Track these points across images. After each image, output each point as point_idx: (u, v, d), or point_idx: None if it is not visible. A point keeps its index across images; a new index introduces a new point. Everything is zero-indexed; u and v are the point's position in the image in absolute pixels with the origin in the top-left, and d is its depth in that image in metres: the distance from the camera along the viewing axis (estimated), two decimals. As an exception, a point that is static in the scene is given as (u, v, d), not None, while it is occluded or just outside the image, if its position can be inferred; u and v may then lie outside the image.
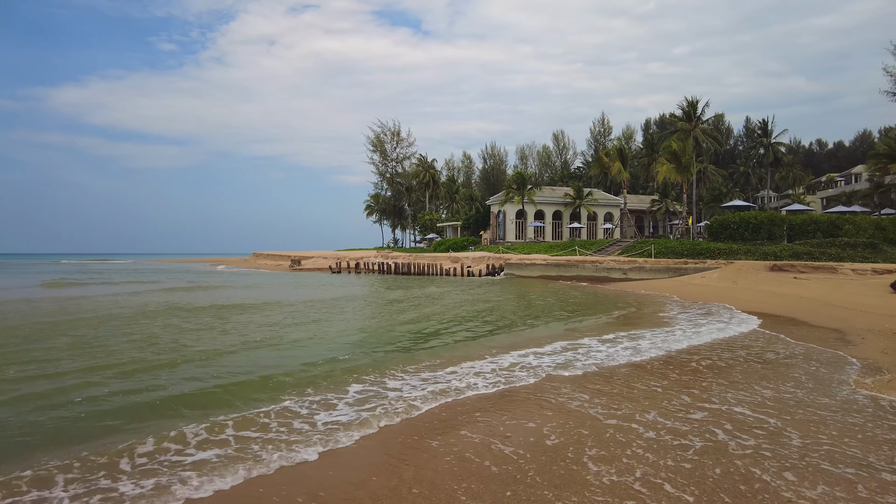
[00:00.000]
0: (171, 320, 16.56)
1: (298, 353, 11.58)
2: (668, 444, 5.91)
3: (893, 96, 53.51)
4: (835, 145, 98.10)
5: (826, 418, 6.73)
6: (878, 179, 59.49)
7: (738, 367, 9.92)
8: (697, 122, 53.66)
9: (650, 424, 6.57)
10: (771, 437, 6.07)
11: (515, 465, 5.41)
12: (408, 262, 53.29)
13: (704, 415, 6.98)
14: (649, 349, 11.77)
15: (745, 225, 41.25)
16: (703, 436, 6.16)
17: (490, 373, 9.47)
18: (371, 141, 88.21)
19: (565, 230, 64.95)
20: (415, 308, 21.02)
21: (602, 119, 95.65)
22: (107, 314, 18.19)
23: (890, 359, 10.12)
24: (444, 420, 6.94)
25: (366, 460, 5.65)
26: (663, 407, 7.34)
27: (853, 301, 19.28)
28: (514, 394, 8.18)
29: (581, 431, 6.35)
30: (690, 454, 5.60)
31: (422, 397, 7.93)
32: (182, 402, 7.66)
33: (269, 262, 75.69)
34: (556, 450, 5.78)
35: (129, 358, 10.73)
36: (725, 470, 5.17)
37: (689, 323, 15.98)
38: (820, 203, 70.80)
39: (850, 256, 34.23)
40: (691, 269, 34.91)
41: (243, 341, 12.85)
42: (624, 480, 4.99)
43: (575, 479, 5.03)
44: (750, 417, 6.80)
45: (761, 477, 5.00)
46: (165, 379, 9.04)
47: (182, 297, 25.50)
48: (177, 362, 10.31)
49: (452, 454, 5.72)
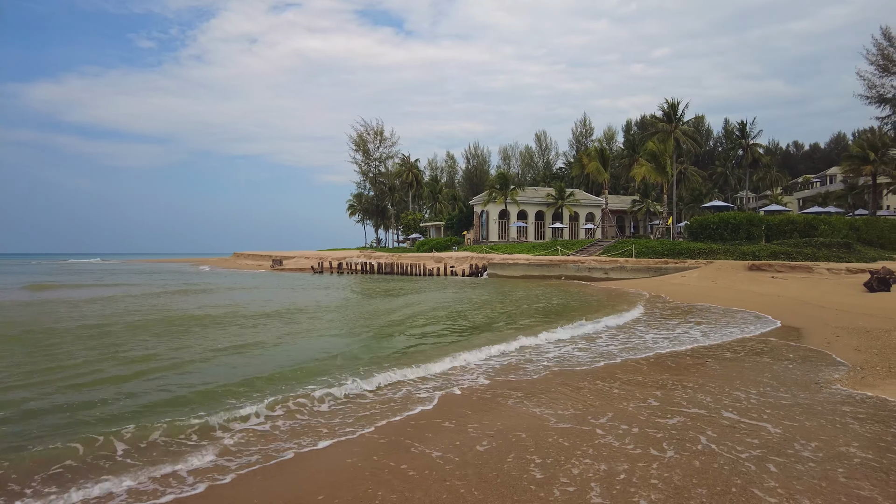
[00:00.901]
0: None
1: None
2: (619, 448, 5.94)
3: (867, 99, 54.80)
4: (811, 147, 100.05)
5: (797, 412, 6.82)
6: (851, 181, 60.82)
7: (714, 363, 10.05)
8: (678, 124, 54.24)
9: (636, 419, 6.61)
10: (736, 424, 6.14)
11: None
12: (391, 262, 53.12)
13: (679, 420, 7.03)
14: (621, 352, 11.84)
15: (724, 225, 41.83)
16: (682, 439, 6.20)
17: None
18: (354, 140, 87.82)
19: (548, 230, 65.28)
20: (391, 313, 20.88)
21: (584, 120, 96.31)
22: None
23: (863, 356, 10.31)
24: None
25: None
26: (630, 410, 7.39)
27: (829, 300, 19.65)
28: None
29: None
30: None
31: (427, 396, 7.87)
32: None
33: (250, 263, 74.91)
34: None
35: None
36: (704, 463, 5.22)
37: (671, 322, 16.14)
38: (797, 204, 72.13)
39: (825, 256, 34.90)
40: (671, 269, 35.31)
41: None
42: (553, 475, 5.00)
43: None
44: (723, 408, 6.88)
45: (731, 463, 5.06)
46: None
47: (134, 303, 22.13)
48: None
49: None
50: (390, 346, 12.79)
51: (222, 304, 22.12)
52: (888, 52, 52.57)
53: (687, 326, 15.14)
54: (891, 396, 7.56)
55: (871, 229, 40.94)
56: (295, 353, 11.72)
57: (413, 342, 13.24)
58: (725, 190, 75.52)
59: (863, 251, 36.36)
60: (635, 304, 20.99)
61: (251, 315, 18.19)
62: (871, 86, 54.14)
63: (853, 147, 56.07)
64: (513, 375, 9.41)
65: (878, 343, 11.47)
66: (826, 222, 41.09)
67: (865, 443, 5.82)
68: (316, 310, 20.31)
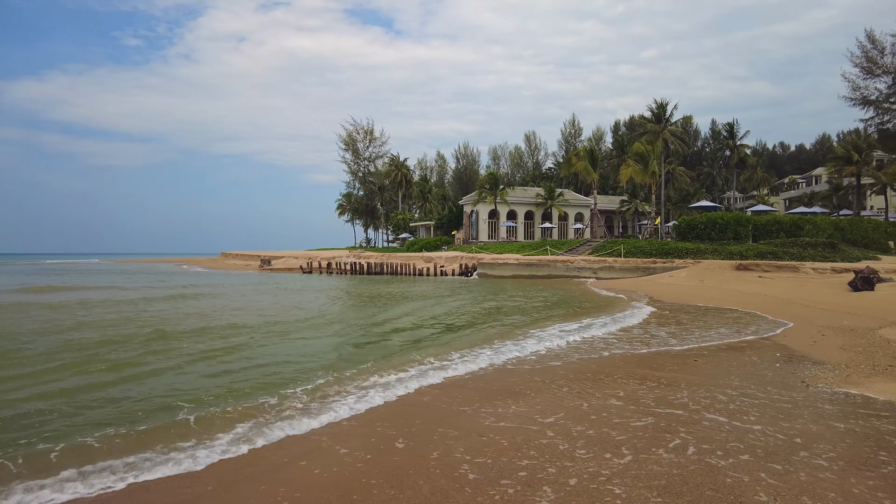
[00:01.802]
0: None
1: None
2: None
3: (851, 101, 55.53)
4: (796, 148, 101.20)
5: (784, 409, 6.89)
6: (836, 181, 61.64)
7: (702, 360, 10.12)
8: (666, 125, 54.65)
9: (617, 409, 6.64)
10: (716, 418, 6.19)
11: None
12: (380, 261, 52.99)
13: (660, 414, 7.08)
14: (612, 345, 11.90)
15: (711, 225, 42.20)
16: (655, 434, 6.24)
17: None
18: (343, 139, 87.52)
19: (537, 230, 65.48)
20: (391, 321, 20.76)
21: (573, 121, 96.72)
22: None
23: (848, 354, 10.44)
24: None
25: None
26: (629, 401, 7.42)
27: (814, 299, 19.88)
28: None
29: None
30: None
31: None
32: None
33: (238, 263, 74.41)
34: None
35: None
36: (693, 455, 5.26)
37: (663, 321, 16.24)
38: (783, 204, 72.94)
39: (811, 256, 35.31)
40: (660, 269, 35.56)
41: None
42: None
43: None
44: (703, 401, 6.93)
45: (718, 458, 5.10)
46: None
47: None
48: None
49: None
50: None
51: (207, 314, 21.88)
52: (872, 55, 53.32)
53: (676, 325, 15.25)
54: (875, 394, 7.66)
55: (855, 229, 41.48)
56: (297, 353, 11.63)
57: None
58: (713, 190, 76.18)
59: (847, 251, 36.83)
60: (627, 303, 21.11)
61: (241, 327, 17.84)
62: (856, 88, 54.83)
63: (838, 148, 56.79)
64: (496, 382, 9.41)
65: (862, 341, 11.62)
66: (811, 222, 41.58)
67: (851, 439, 5.89)
68: (303, 320, 20.18)
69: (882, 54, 53.38)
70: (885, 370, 9.09)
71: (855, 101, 54.72)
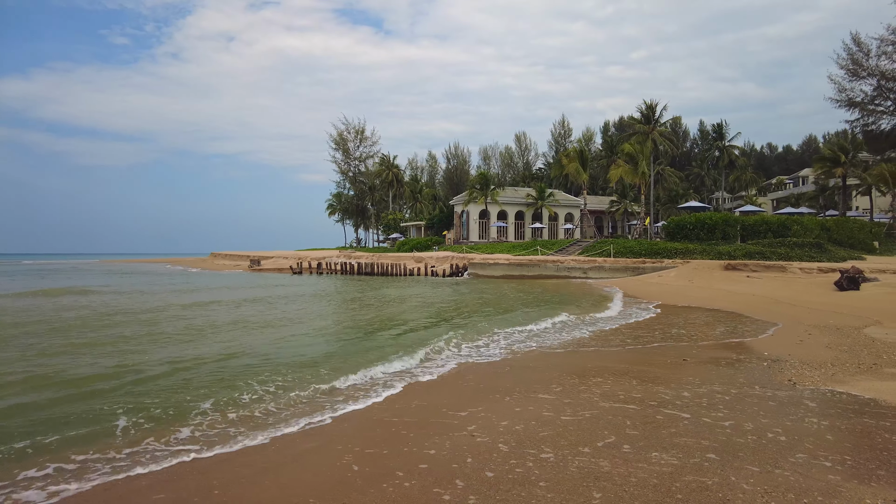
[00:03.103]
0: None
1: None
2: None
3: (837, 103, 56.11)
4: (784, 149, 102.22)
5: (769, 407, 6.97)
6: (822, 182, 62.37)
7: (691, 359, 10.20)
8: (655, 125, 54.98)
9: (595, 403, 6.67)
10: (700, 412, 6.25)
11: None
12: (371, 261, 52.85)
13: (641, 396, 7.12)
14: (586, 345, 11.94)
15: (700, 225, 42.53)
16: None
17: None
18: (333, 139, 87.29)
19: (527, 230, 65.66)
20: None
21: (562, 121, 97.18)
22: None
23: (834, 353, 10.56)
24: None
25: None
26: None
27: (801, 298, 20.10)
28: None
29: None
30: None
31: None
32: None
33: (228, 263, 73.95)
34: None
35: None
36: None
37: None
38: (771, 204, 73.67)
39: (798, 256, 35.70)
40: (649, 269, 35.78)
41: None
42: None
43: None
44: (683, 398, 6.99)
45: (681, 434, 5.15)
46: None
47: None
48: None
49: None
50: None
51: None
52: (858, 58, 53.92)
53: (666, 325, 15.36)
54: (860, 392, 7.75)
55: (842, 230, 41.99)
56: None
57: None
58: (701, 191, 76.78)
59: (833, 251, 37.27)
60: (612, 300, 21.23)
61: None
62: (841, 89, 55.36)
63: (824, 150, 57.50)
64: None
65: (847, 340, 11.77)
66: (799, 223, 42.04)
67: (836, 436, 5.96)
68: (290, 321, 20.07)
69: (867, 57, 54.03)
70: (869, 368, 9.22)
71: (841, 102, 55.22)
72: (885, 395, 7.55)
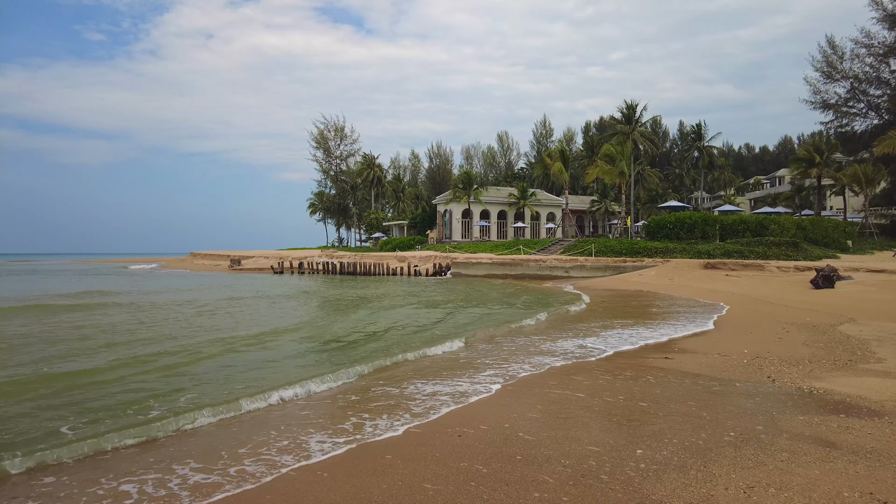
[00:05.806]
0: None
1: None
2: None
3: (812, 105, 57.32)
4: (761, 150, 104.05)
5: (749, 406, 7.07)
6: (798, 183, 63.56)
7: (673, 354, 10.31)
8: (636, 126, 55.58)
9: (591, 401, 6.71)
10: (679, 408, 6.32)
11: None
12: (354, 261, 52.62)
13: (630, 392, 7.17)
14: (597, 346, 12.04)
15: (680, 225, 43.06)
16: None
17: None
18: (314, 137, 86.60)
19: (510, 229, 65.88)
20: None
21: (544, 121, 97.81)
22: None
23: (810, 350, 10.76)
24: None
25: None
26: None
27: (778, 296, 20.46)
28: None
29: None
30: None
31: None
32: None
33: (207, 262, 73.01)
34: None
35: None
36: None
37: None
38: (749, 204, 74.89)
39: (775, 255, 36.34)
40: (630, 268, 36.12)
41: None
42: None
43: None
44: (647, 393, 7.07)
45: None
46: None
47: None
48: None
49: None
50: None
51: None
52: (832, 60, 55.10)
53: (652, 323, 15.52)
54: (835, 387, 7.90)
55: (817, 229, 42.83)
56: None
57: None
58: (681, 190, 77.79)
59: (809, 250, 38.00)
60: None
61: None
62: (816, 91, 56.64)
63: (800, 151, 58.57)
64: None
65: (823, 338, 12.00)
66: (776, 222, 42.76)
67: (810, 431, 6.06)
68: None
69: (842, 60, 55.30)
70: (844, 365, 9.40)
71: (815, 104, 56.59)
72: (860, 390, 7.71)
